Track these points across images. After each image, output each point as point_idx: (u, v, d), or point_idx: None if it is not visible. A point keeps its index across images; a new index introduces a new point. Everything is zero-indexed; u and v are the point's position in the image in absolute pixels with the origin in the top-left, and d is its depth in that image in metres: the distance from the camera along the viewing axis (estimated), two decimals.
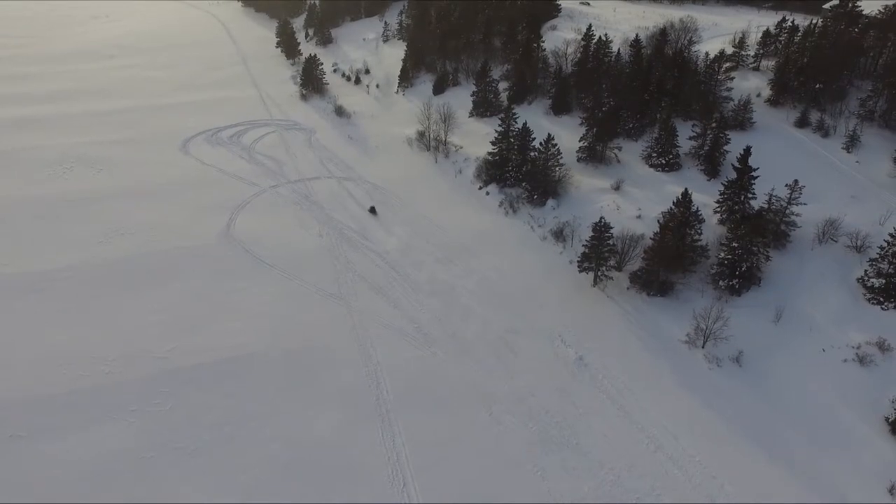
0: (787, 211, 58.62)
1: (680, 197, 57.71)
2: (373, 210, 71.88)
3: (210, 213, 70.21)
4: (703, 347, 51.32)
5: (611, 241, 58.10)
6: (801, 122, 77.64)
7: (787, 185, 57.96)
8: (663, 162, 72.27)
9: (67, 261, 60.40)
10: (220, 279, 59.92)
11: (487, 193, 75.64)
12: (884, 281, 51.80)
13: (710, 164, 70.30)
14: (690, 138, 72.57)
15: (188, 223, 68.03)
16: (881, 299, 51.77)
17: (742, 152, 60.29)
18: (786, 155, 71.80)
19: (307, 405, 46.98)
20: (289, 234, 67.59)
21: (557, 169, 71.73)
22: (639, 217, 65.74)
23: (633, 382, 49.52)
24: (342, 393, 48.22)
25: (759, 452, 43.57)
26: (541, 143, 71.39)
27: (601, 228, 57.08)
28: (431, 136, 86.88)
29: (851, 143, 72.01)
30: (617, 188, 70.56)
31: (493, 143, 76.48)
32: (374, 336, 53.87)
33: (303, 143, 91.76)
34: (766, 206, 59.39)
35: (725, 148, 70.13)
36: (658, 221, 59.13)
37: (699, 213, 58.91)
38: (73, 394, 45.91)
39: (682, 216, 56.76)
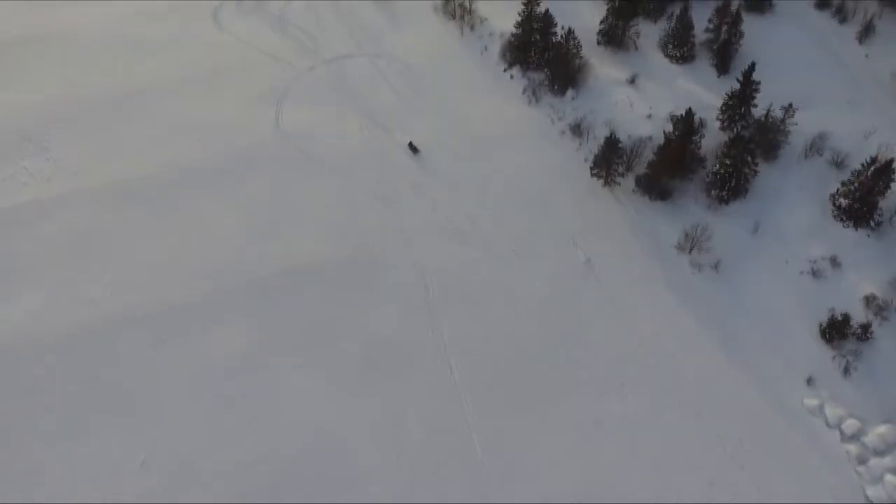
0: (781, 125, 65.91)
1: (684, 114, 64.51)
2: (412, 147, 71.84)
3: (258, 104, 76.26)
4: (689, 254, 62.51)
5: (621, 147, 66.20)
6: (822, 3, 79.86)
7: (781, 108, 64.62)
8: (678, 54, 76.91)
9: (143, 168, 68.18)
10: (280, 181, 68.88)
11: (511, 77, 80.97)
12: (850, 201, 61.31)
13: (722, 59, 75.14)
14: (706, 31, 76.37)
15: (240, 118, 74.53)
16: (844, 218, 61.77)
17: (747, 67, 65.69)
18: (796, 47, 76.23)
19: (372, 305, 59.65)
20: (332, 128, 74.66)
21: (577, 60, 76.74)
22: (649, 117, 72.90)
23: (630, 284, 61.66)
24: (397, 293, 60.55)
25: (718, 347, 57.27)
26: (562, 36, 75.61)
27: (612, 142, 65.03)
28: (457, 1, 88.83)
29: (865, 32, 75.64)
30: (632, 81, 76.35)
31: (515, 27, 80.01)
32: (418, 237, 64.68)
33: (329, 9, 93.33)
34: (763, 118, 66.51)
35: (738, 45, 74.44)
36: (664, 132, 66.63)
37: (701, 124, 66.38)
38: (188, 301, 58.23)
39: (684, 133, 64.18)
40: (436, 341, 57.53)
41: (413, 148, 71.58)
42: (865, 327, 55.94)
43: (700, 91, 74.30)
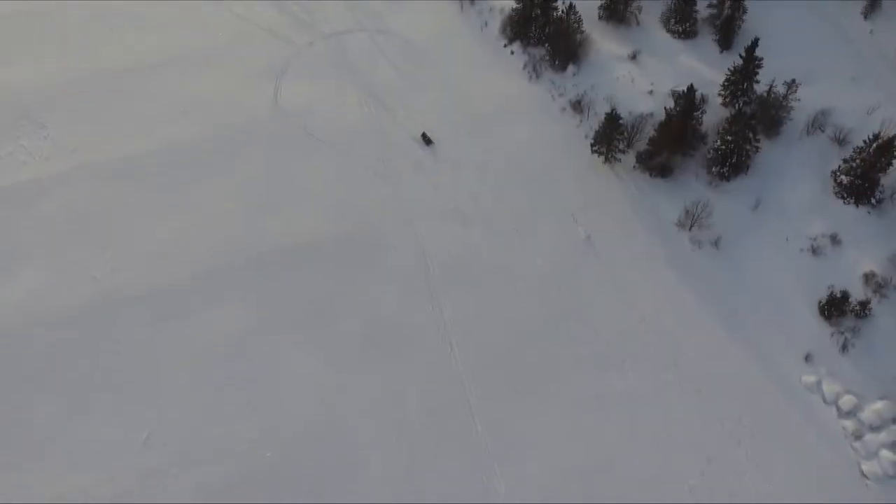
0: (784, 102, 65.45)
1: (685, 90, 63.97)
2: (425, 138, 69.67)
3: (257, 81, 75.64)
4: (689, 230, 62.48)
5: (622, 123, 65.83)
6: None
7: (784, 83, 64.12)
8: (680, 29, 76.08)
9: (142, 145, 67.61)
10: (279, 158, 68.51)
11: (512, 53, 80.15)
12: (851, 178, 61.13)
13: (725, 35, 74.35)
14: (709, 6, 75.51)
15: (240, 95, 73.99)
16: (845, 195, 61.65)
17: (750, 43, 64.99)
18: (800, 23, 75.44)
19: (372, 283, 59.77)
20: (331, 104, 74.13)
21: (578, 35, 75.96)
22: (650, 93, 72.36)
23: (630, 261, 61.74)
24: (397, 272, 60.62)
25: (719, 324, 57.59)
26: (563, 11, 74.76)
27: (613, 118, 64.62)
28: None
29: (871, 8, 74.88)
30: (633, 57, 75.62)
31: (515, 2, 79.05)
32: (419, 216, 64.60)
33: None
34: (765, 94, 66.03)
35: (741, 20, 73.62)
36: (665, 108, 66.15)
37: (703, 100, 65.95)
38: (189, 280, 58.31)
39: (686, 110, 63.74)
40: (436, 319, 57.75)
41: (426, 139, 69.54)
42: (864, 304, 56.17)
43: (702, 67, 73.59)
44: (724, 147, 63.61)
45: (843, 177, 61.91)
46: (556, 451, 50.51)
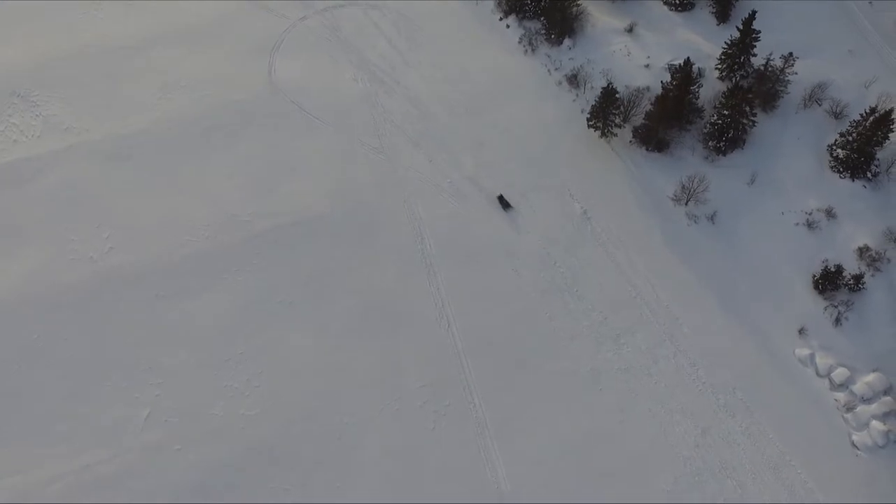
0: (781, 75, 65.14)
1: (681, 64, 63.63)
2: (503, 202, 62.82)
3: (250, 57, 74.76)
4: (685, 205, 62.62)
5: (618, 97, 65.53)
6: None
7: (781, 57, 63.77)
8: (677, 2, 75.26)
9: (135, 124, 67.12)
10: (274, 134, 68.11)
11: (507, 26, 79.32)
12: (847, 152, 61.16)
13: (722, 7, 73.55)
14: None
15: (233, 71, 73.13)
16: (841, 169, 61.73)
17: (747, 15, 64.41)
18: None
19: (369, 260, 59.92)
20: (326, 80, 73.50)
21: (574, 8, 75.17)
22: (647, 66, 71.88)
23: (626, 237, 61.94)
24: (395, 248, 60.73)
25: (714, 298, 58.07)
26: None
27: (609, 93, 64.29)
28: None
29: None
30: (630, 30, 74.90)
31: None
32: (415, 192, 64.56)
33: None
34: (762, 68, 65.70)
35: None
36: (662, 82, 65.85)
37: (700, 74, 65.64)
38: (186, 259, 58.38)
39: (682, 83, 63.45)
40: (433, 295, 58.06)
41: (504, 203, 62.82)
42: (858, 278, 56.61)
43: (699, 40, 73.00)
44: (720, 121, 63.46)
45: (839, 151, 61.92)
46: (553, 424, 51.27)
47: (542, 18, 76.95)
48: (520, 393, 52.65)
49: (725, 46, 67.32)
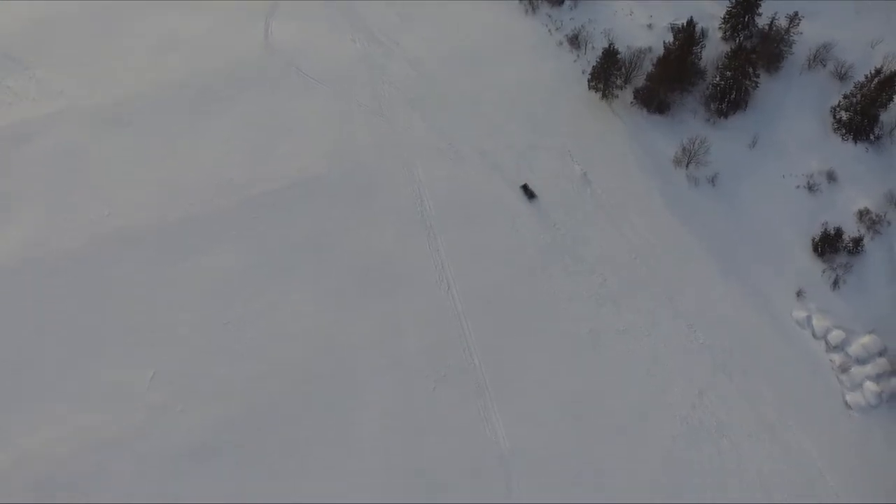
0: (786, 35, 64.19)
1: (684, 24, 62.64)
2: (528, 191, 61.40)
3: (246, 19, 73.28)
4: (686, 168, 62.35)
5: (619, 58, 64.68)
6: None
7: (786, 16, 62.73)
8: None
9: (131, 87, 66.16)
10: (271, 97, 67.33)
11: None
12: (851, 114, 60.62)
13: None
14: None
15: (229, 34, 71.84)
16: (844, 132, 61.25)
17: None
18: None
19: (368, 222, 59.74)
20: (323, 41, 72.35)
21: None
22: (649, 26, 70.91)
23: (626, 199, 61.77)
24: (394, 210, 60.49)
25: (713, 261, 58.11)
26: None
27: (611, 53, 63.46)
28: None
29: None
30: None
31: None
32: (414, 154, 64.11)
33: None
34: (767, 28, 64.70)
35: None
36: (664, 43, 64.92)
37: (703, 34, 64.68)
38: (185, 222, 58.18)
39: (685, 44, 62.54)
40: (433, 258, 58.09)
41: (529, 192, 61.35)
42: (857, 241, 56.69)
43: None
44: (722, 83, 62.78)
45: (842, 113, 61.38)
46: (552, 385, 51.77)
47: None
48: (519, 354, 53.11)
49: (730, 6, 66.24)
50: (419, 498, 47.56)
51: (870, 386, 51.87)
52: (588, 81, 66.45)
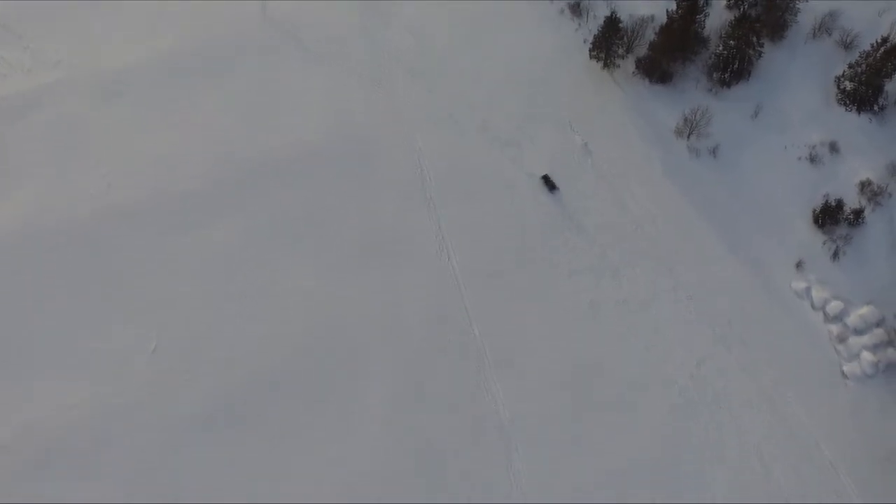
0: (791, 3, 63.17)
1: None
2: (548, 182, 59.69)
3: None
4: (687, 139, 61.92)
5: (622, 27, 63.81)
6: None
7: None
8: None
9: (127, 58, 64.91)
10: (269, 69, 66.00)
11: None
12: (855, 85, 59.98)
13: None
14: None
15: (226, 4, 70.24)
16: (848, 102, 60.66)
17: None
18: None
19: (368, 194, 59.53)
20: (321, 11, 70.69)
21: None
22: None
23: (627, 169, 61.51)
24: (394, 182, 60.16)
25: (713, 232, 58.19)
26: None
27: (613, 22, 62.59)
28: None
29: None
30: None
31: None
32: (414, 126, 63.57)
33: None
34: None
35: None
36: (667, 11, 63.80)
37: (706, 2, 63.71)
38: (184, 196, 57.80)
39: (688, 12, 61.62)
40: (433, 229, 58.05)
41: (550, 184, 59.76)
42: (858, 213, 56.60)
43: None
44: (725, 52, 61.99)
45: (846, 83, 60.73)
46: (552, 356, 52.16)
47: None
48: (519, 325, 53.39)
49: None
50: (419, 466, 48.25)
51: (867, 356, 52.25)
52: (589, 51, 65.67)
